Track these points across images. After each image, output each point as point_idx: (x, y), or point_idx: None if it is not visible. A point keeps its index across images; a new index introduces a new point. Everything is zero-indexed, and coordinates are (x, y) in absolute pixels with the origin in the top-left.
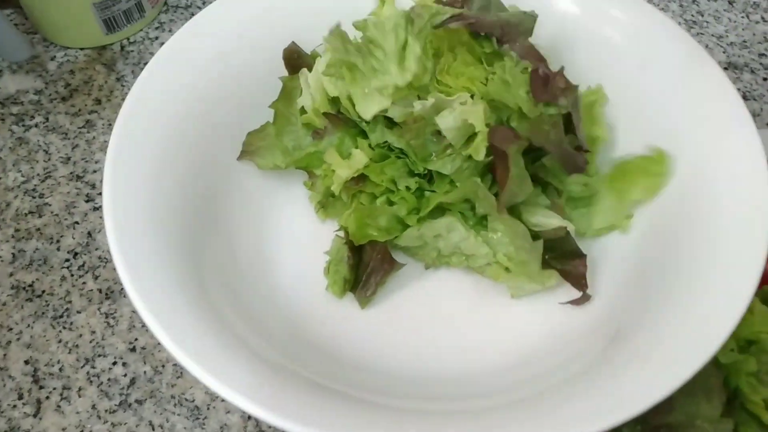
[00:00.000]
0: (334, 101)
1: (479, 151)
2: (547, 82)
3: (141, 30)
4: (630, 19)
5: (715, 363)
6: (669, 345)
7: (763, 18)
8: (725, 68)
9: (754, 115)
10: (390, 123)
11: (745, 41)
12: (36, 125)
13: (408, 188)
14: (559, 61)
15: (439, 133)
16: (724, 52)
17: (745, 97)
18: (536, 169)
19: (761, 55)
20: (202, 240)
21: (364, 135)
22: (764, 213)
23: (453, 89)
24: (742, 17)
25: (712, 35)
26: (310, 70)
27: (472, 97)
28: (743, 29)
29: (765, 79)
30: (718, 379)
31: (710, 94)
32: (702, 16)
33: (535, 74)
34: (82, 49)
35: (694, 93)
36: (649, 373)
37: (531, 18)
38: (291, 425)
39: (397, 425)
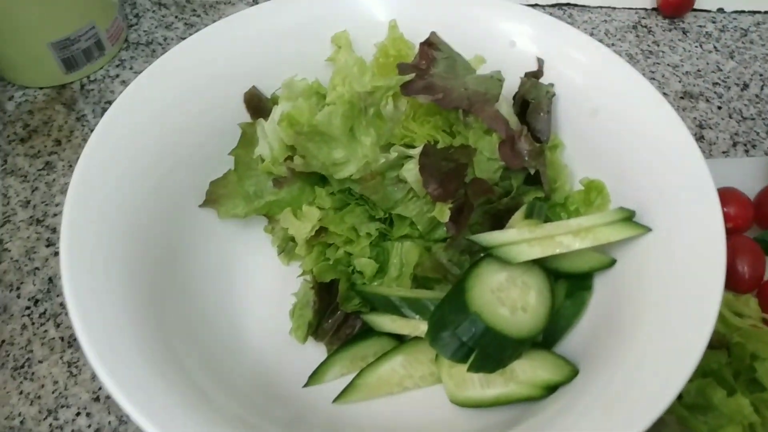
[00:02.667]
0: (292, 149)
1: (444, 214)
2: (514, 147)
3: (101, 68)
4: (588, 60)
5: (683, 425)
6: (627, 393)
7: (715, 47)
8: (681, 97)
9: (710, 143)
10: None
11: (699, 70)
12: None
13: (369, 234)
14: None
15: (399, 180)
16: (679, 81)
17: (701, 126)
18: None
19: (715, 83)
20: (164, 289)
21: (324, 181)
22: (717, 268)
23: (418, 135)
24: (696, 47)
25: (668, 64)
26: (269, 114)
27: (436, 143)
28: (697, 58)
29: (719, 108)
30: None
31: (662, 133)
32: (658, 45)
33: (503, 147)
34: (41, 88)
35: (645, 134)
36: (608, 423)
37: (497, 84)
38: None
39: None
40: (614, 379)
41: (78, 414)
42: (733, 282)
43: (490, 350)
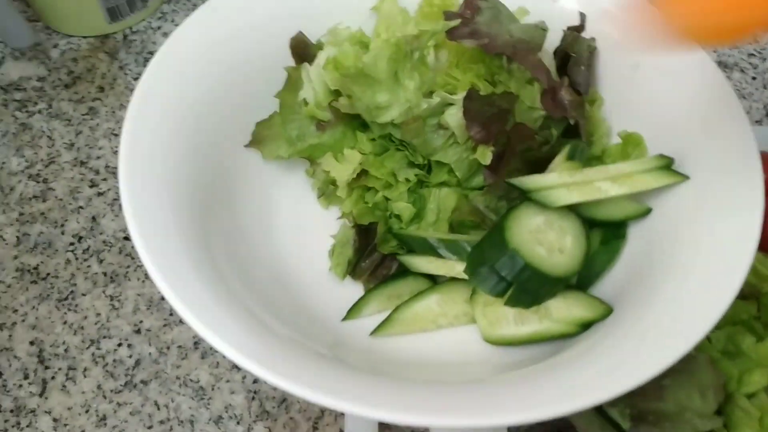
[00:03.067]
0: (336, 93)
1: (486, 157)
2: (555, 96)
3: (144, 20)
4: (626, 16)
5: (714, 365)
6: (658, 329)
7: None
8: None
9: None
10: None
11: None
12: (39, 111)
13: (408, 180)
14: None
15: (440, 126)
16: (714, 51)
17: None
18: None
19: (750, 54)
20: (212, 219)
21: (365, 126)
22: (755, 210)
23: (460, 83)
24: None
25: None
26: (314, 60)
27: (478, 91)
28: None
29: (754, 78)
30: (717, 379)
31: (704, 88)
32: None
33: (545, 96)
34: (85, 37)
35: (686, 88)
36: (639, 353)
37: (541, 32)
38: (295, 388)
39: (396, 394)
40: (646, 316)
41: (119, 345)
42: (764, 240)
43: (528, 286)
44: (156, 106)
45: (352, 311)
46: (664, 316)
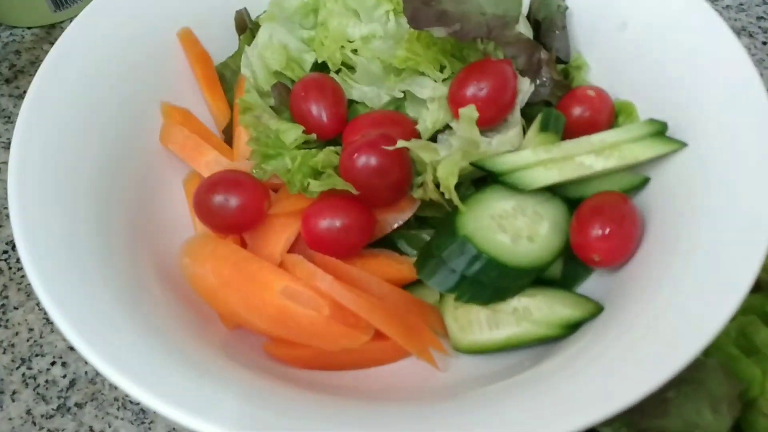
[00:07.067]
0: (278, 74)
1: None
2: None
3: None
4: None
5: (727, 372)
6: (659, 329)
7: None
8: None
9: None
10: None
11: (741, 4)
12: None
13: None
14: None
15: None
16: (720, 16)
17: None
18: None
19: (759, 18)
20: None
21: None
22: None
23: (422, 58)
24: None
25: None
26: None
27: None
28: None
29: (764, 44)
30: (731, 389)
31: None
32: None
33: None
34: (29, 28)
35: (684, 44)
36: (636, 359)
37: (515, 2)
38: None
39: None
40: (643, 313)
41: (53, 363)
42: None
43: (482, 278)
44: (49, 113)
45: None
46: (665, 312)
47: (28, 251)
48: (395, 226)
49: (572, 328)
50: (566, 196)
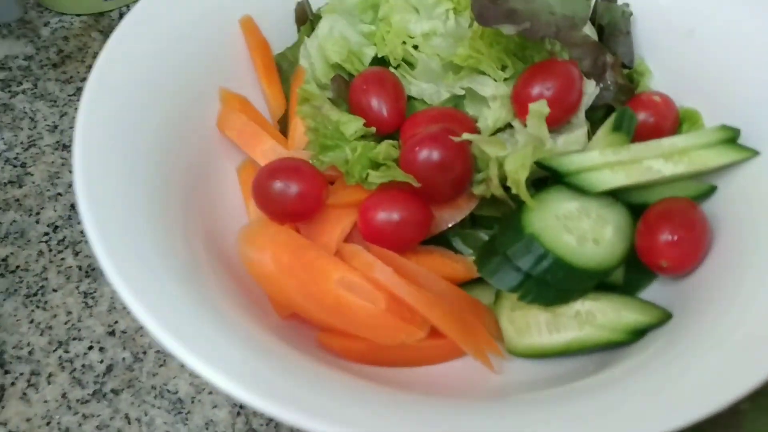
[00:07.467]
0: (336, 67)
1: None
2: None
3: None
4: None
5: None
6: (735, 337)
7: None
8: None
9: None
10: None
11: None
12: (23, 91)
13: None
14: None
15: None
16: None
17: None
18: None
19: None
20: (181, 203)
21: None
22: None
23: (485, 57)
24: None
25: None
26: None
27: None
28: None
29: None
30: None
31: None
32: None
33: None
34: (78, 15)
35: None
36: (710, 370)
37: (584, 4)
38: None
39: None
40: (718, 321)
41: (90, 348)
42: None
43: (549, 278)
44: (111, 94)
45: None
46: (740, 325)
47: (94, 227)
48: (451, 223)
49: (639, 334)
50: (629, 201)
